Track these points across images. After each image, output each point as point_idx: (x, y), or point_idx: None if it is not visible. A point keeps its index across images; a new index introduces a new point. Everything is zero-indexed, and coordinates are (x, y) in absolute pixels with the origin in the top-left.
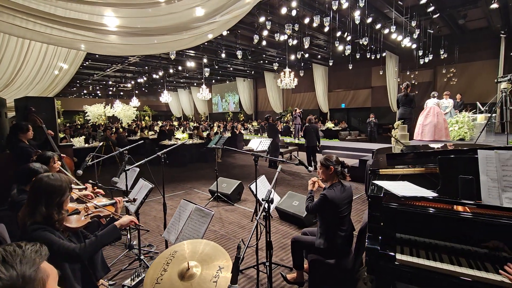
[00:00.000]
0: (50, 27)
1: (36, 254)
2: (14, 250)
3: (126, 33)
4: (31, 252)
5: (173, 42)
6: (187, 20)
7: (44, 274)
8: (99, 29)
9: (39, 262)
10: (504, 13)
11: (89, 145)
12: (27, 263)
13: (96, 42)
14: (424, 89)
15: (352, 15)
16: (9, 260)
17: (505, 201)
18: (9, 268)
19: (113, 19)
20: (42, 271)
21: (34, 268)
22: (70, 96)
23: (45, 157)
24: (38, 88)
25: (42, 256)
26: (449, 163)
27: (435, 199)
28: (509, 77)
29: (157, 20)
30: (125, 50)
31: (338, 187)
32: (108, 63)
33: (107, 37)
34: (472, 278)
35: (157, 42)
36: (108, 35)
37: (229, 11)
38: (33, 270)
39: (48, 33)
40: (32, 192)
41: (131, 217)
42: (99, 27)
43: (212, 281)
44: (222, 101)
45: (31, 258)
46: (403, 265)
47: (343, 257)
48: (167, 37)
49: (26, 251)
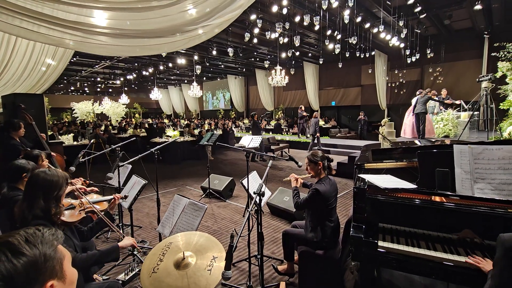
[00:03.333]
0: (37, 25)
1: (53, 236)
2: (35, 232)
3: (116, 34)
4: (49, 234)
5: (166, 44)
6: (179, 23)
7: (61, 254)
8: (87, 30)
9: (56, 244)
10: (487, 14)
11: (78, 143)
12: (46, 243)
13: (84, 42)
14: (412, 88)
15: (341, 14)
16: (31, 240)
17: (476, 192)
18: (32, 247)
19: (101, 20)
20: (59, 251)
21: (52, 248)
22: (56, 93)
23: (33, 156)
24: (25, 84)
25: (59, 239)
26: (427, 157)
27: (414, 190)
28: (490, 77)
29: (149, 22)
30: (116, 50)
31: (326, 180)
32: (97, 59)
33: (97, 37)
34: (446, 261)
35: (150, 44)
36: (97, 35)
37: (221, 14)
38: (52, 250)
39: (36, 30)
40: (30, 187)
41: (132, 240)
42: (87, 28)
43: (207, 270)
44: (213, 99)
45: (50, 239)
46: (385, 252)
47: (331, 248)
48: (160, 39)
49: (45, 234)
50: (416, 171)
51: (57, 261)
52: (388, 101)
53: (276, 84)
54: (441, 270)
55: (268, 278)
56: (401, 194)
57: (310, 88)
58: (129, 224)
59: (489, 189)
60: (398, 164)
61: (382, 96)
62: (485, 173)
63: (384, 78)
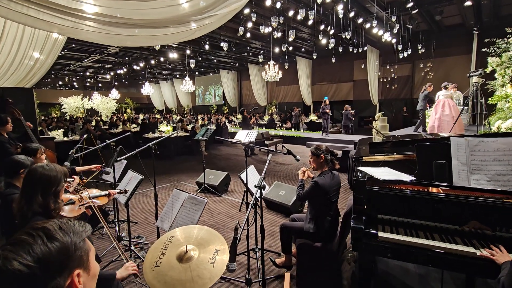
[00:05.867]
0: (26, 7)
1: (82, 228)
2: (68, 222)
3: (106, 22)
4: (79, 226)
5: (158, 36)
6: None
7: (88, 246)
8: (77, 15)
9: (84, 236)
10: (477, 10)
11: (68, 139)
12: (77, 233)
13: (74, 28)
14: (403, 83)
15: (335, 8)
16: (64, 228)
17: (472, 182)
18: (65, 234)
19: (92, 7)
20: (87, 243)
21: (81, 239)
22: (44, 88)
23: (32, 148)
24: (13, 78)
25: (87, 232)
26: (425, 149)
27: (412, 182)
28: (480, 72)
29: (147, 12)
30: (106, 38)
31: (328, 174)
32: (86, 53)
33: (87, 22)
34: (443, 250)
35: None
36: (87, 20)
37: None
38: (81, 241)
39: (25, 12)
40: (28, 182)
41: (132, 267)
42: (78, 13)
43: (210, 262)
44: (206, 94)
45: (80, 230)
46: (384, 242)
47: (329, 241)
48: (153, 30)
49: (76, 225)
50: (413, 164)
51: (85, 252)
52: (380, 96)
53: (270, 79)
54: (439, 259)
55: (266, 271)
56: (400, 186)
57: (303, 83)
58: (125, 220)
59: (485, 180)
60: (396, 157)
61: (374, 91)
62: (481, 164)
63: (376, 73)
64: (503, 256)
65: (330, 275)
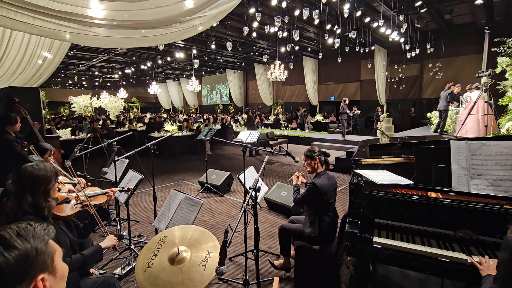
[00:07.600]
0: (32, 17)
1: (44, 231)
2: (26, 226)
3: (113, 25)
4: (40, 229)
5: (162, 36)
6: (176, 14)
7: (52, 249)
8: (83, 21)
9: (47, 239)
10: (488, 9)
11: (75, 137)
12: (38, 238)
13: (81, 34)
14: (411, 83)
15: (341, 8)
16: (23, 234)
17: (472, 188)
18: (24, 241)
19: (97, 11)
20: (51, 246)
21: (44, 243)
22: (54, 87)
23: (43, 148)
24: (21, 78)
25: (50, 234)
26: (424, 153)
27: (410, 186)
28: (489, 72)
29: (145, 13)
30: (113, 42)
31: (324, 175)
32: (94, 53)
33: (92, 29)
34: (440, 257)
35: (145, 35)
36: (92, 27)
37: (217, 5)
38: (43, 245)
39: (31, 23)
40: (18, 182)
41: (114, 240)
42: (84, 19)
43: (201, 265)
44: (212, 93)
45: (41, 234)
46: (380, 247)
47: (328, 243)
48: (156, 30)
49: (36, 229)
50: (413, 167)
51: (48, 255)
52: (387, 96)
53: (275, 78)
54: (436, 266)
55: (264, 273)
56: (397, 190)
57: (309, 83)
58: (126, 219)
59: (486, 185)
60: (395, 160)
61: (381, 91)
62: (482, 169)
63: (383, 73)
64: (489, 268)
65: (328, 278)
